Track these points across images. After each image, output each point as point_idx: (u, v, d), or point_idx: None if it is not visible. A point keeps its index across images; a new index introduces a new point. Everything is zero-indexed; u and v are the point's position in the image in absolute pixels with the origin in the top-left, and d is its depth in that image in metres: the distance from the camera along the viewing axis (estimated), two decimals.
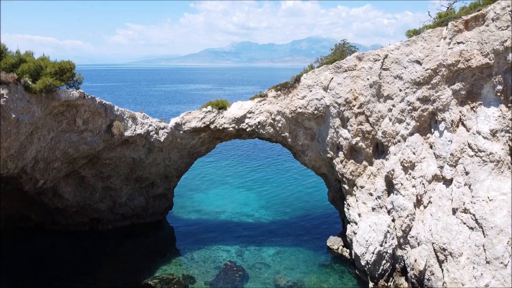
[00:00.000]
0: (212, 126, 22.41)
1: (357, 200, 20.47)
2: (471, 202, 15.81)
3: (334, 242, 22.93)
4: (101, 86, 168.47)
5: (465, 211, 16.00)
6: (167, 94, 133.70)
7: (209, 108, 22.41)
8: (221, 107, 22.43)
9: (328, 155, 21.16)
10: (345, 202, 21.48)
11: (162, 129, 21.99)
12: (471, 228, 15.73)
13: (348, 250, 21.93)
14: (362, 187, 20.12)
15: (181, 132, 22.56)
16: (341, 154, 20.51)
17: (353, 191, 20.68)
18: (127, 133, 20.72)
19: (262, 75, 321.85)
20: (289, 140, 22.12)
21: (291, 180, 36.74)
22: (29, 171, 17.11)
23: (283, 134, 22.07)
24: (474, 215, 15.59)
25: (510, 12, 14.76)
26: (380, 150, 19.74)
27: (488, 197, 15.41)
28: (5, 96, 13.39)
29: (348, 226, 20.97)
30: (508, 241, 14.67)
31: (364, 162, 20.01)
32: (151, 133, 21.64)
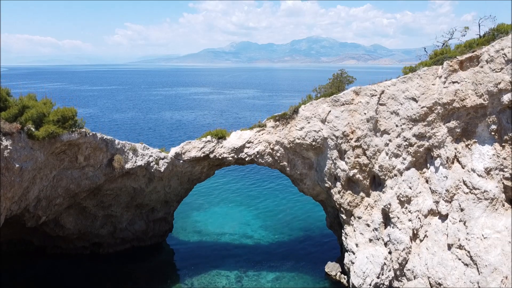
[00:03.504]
0: (211, 156, 22.67)
1: (354, 230, 20.75)
2: (466, 239, 16.08)
3: (332, 268, 23.20)
4: (101, 90, 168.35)
5: (460, 247, 16.28)
6: (167, 98, 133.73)
7: (209, 138, 22.67)
8: (220, 136, 22.68)
9: (326, 185, 21.44)
10: (342, 231, 21.75)
11: (162, 159, 22.24)
12: (466, 265, 16.01)
13: (346, 277, 22.20)
14: (359, 217, 20.40)
15: (181, 161, 22.82)
16: (338, 184, 20.78)
17: (351, 221, 20.96)
18: (128, 166, 20.98)
19: (261, 76, 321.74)
20: (288, 169, 22.39)
21: (291, 200, 36.81)
22: (31, 210, 17.38)
23: (281, 163, 22.35)
24: (469, 251, 15.86)
25: (504, 55, 15.01)
26: (377, 182, 20.00)
27: (483, 235, 15.68)
28: (9, 147, 13.67)
29: (346, 254, 21.25)
30: (502, 280, 14.96)
31: (362, 194, 20.29)
32: (151, 164, 21.89)
